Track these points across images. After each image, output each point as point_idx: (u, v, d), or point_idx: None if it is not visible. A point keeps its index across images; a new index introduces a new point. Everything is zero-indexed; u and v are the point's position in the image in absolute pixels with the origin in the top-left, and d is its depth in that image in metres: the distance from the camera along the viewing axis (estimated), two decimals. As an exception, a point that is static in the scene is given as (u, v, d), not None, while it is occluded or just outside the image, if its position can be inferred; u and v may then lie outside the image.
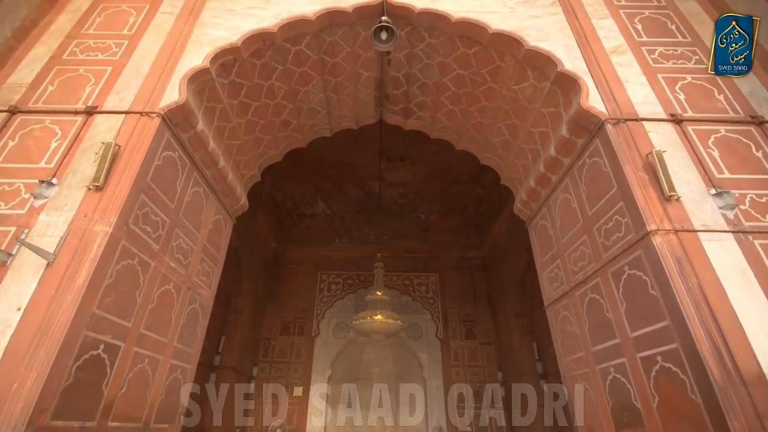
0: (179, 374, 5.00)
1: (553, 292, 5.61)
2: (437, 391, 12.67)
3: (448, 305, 13.89)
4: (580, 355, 4.92)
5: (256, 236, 13.14)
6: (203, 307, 5.60)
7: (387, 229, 15.11)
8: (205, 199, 5.66)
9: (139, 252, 4.20)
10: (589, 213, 4.75)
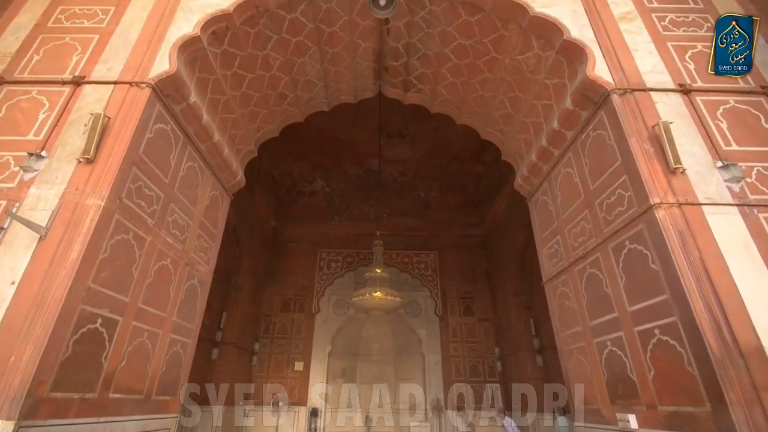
0: (179, 348, 5.03)
1: (552, 268, 5.60)
2: (435, 365, 12.92)
3: (447, 283, 13.99)
4: (577, 329, 4.95)
5: (254, 214, 13.08)
6: (202, 283, 5.60)
7: (386, 206, 15.04)
8: (201, 174, 5.55)
9: (133, 227, 4.13)
10: (591, 187, 4.67)
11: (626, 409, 4.00)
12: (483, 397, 12.44)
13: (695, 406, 3.22)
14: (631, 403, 3.95)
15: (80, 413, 3.43)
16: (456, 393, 12.47)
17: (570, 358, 5.07)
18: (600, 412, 4.45)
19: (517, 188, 6.66)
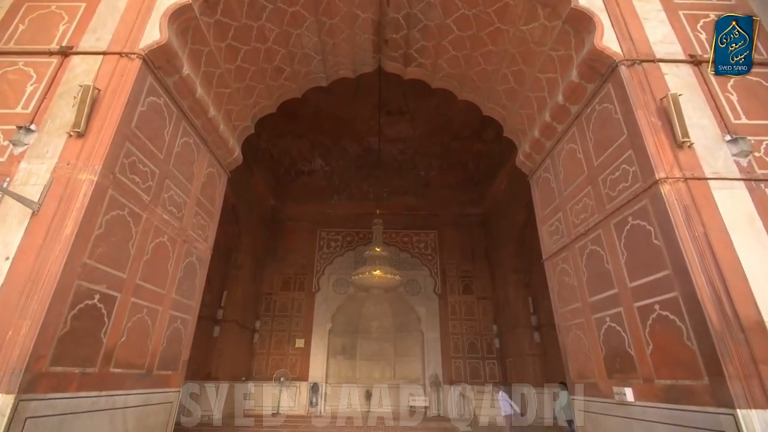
0: (180, 325, 5.05)
1: (553, 245, 5.56)
2: (434, 342, 13.11)
3: (447, 261, 14.03)
4: (576, 305, 4.95)
5: (253, 193, 12.98)
6: (200, 260, 5.57)
7: (386, 185, 14.92)
8: (197, 150, 5.43)
9: (128, 203, 4.05)
10: (595, 163, 4.56)
11: (623, 383, 4.03)
12: (480, 373, 12.70)
13: (693, 380, 3.23)
14: (628, 377, 3.98)
15: (81, 387, 3.45)
16: (454, 368, 12.72)
17: (568, 334, 5.09)
18: (597, 386, 4.50)
19: (519, 165, 6.55)
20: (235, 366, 11.57)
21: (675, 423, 3.37)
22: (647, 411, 3.68)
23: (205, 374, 10.65)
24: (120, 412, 3.91)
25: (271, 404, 11.95)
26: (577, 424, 4.82)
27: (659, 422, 3.54)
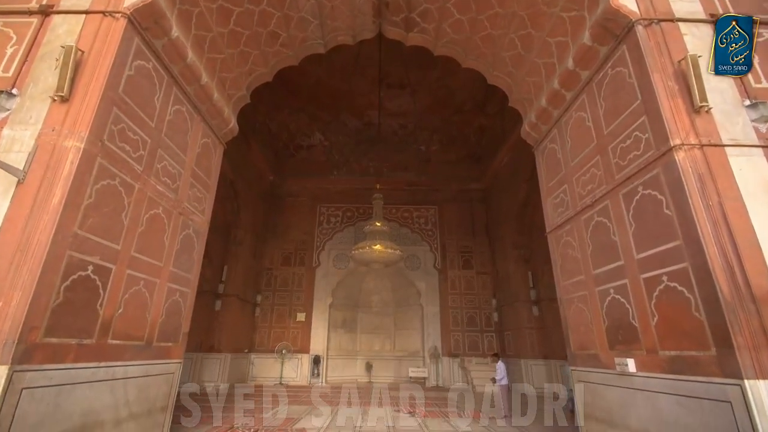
0: (179, 297, 4.98)
1: (557, 218, 5.42)
2: (434, 316, 13.22)
3: (447, 237, 13.97)
4: (579, 278, 4.87)
5: (252, 168, 12.74)
6: (198, 233, 5.44)
7: (386, 161, 14.65)
8: (190, 119, 5.20)
9: (119, 172, 3.88)
10: (605, 131, 4.36)
11: (625, 354, 3.99)
12: (479, 345, 12.87)
13: (699, 350, 3.17)
14: (630, 348, 3.93)
15: (79, 358, 3.39)
16: (453, 341, 12.89)
17: (570, 307, 5.04)
18: (597, 357, 4.47)
19: (524, 136, 6.32)
20: (238, 339, 11.70)
21: (678, 393, 3.33)
22: (649, 381, 3.64)
23: (208, 347, 10.77)
24: (120, 383, 3.88)
25: (273, 375, 12.16)
26: (576, 394, 4.83)
27: (661, 392, 3.51)
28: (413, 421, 6.70)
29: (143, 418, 4.19)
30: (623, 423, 3.96)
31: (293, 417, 6.83)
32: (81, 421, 3.38)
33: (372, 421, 6.61)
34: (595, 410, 4.45)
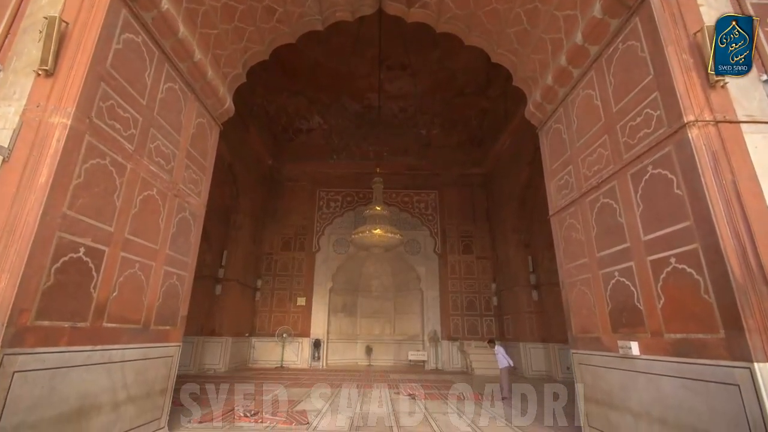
0: (176, 281, 4.88)
1: (561, 200, 5.29)
2: (433, 301, 13.24)
3: (447, 222, 13.87)
4: (583, 261, 4.77)
5: (250, 152, 12.54)
6: (194, 216, 5.31)
7: (386, 145, 14.44)
8: (183, 98, 5.01)
9: (110, 151, 3.72)
10: (614, 109, 4.19)
11: (629, 337, 3.92)
12: (478, 329, 12.92)
13: (707, 333, 3.08)
14: (634, 331, 3.86)
15: (73, 341, 3.30)
16: (452, 325, 12.93)
17: (572, 290, 4.95)
18: (600, 340, 4.41)
19: (528, 117, 6.13)
20: (239, 323, 11.73)
21: (683, 376, 3.27)
22: (653, 364, 3.58)
23: (210, 330, 10.79)
24: (118, 366, 3.82)
25: (274, 359, 12.24)
26: (576, 376, 4.79)
27: (665, 375, 3.44)
28: (413, 403, 6.71)
29: (142, 401, 4.15)
30: (624, 405, 3.92)
31: (294, 399, 6.85)
32: (78, 404, 3.32)
33: (372, 403, 6.62)
34: (596, 393, 4.41)
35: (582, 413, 4.62)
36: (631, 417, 3.82)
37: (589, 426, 4.52)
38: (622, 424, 3.94)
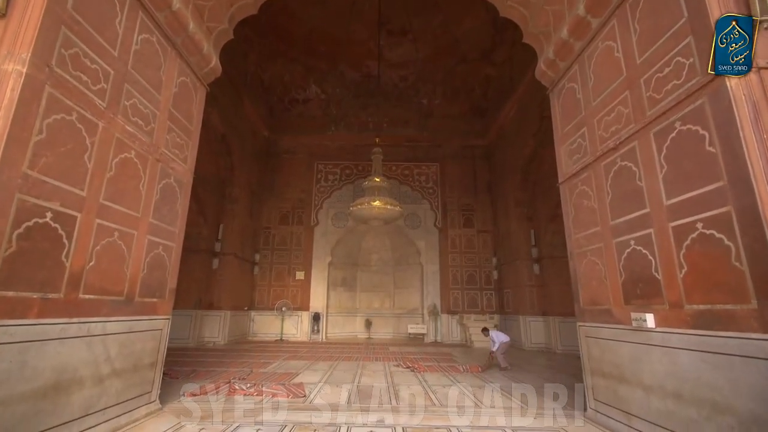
0: (162, 252, 4.58)
1: (572, 166, 4.92)
2: (433, 275, 13.07)
3: (448, 195, 13.51)
4: (594, 230, 4.45)
5: (245, 122, 12.02)
6: (180, 184, 4.95)
7: (386, 115, 13.88)
8: (162, 52, 4.54)
9: (77, 106, 3.32)
10: (638, 61, 3.75)
11: (643, 309, 3.65)
12: (478, 303, 12.81)
13: (736, 304, 2.79)
14: (650, 302, 3.59)
15: (44, 314, 3.02)
16: (452, 299, 12.82)
17: (582, 261, 4.66)
18: (610, 312, 4.16)
19: (539, 77, 5.65)
20: (237, 297, 11.59)
21: (703, 349, 3.01)
22: (670, 337, 3.32)
23: (208, 304, 10.65)
24: (99, 339, 3.57)
25: (274, 332, 12.19)
26: (582, 350, 4.58)
27: (683, 348, 3.19)
28: (412, 375, 6.58)
29: (129, 374, 3.94)
30: (635, 379, 3.70)
31: (292, 372, 6.71)
32: (54, 378, 3.09)
33: (371, 376, 6.49)
34: (603, 366, 4.20)
35: (588, 386, 4.43)
36: (642, 391, 3.60)
37: (594, 399, 4.33)
38: (631, 398, 3.74)
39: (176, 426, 3.84)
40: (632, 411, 3.73)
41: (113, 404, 3.71)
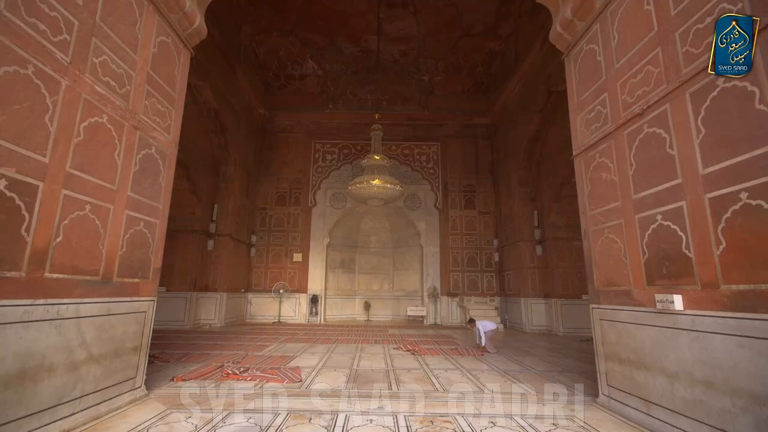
0: (144, 228, 4.19)
1: (589, 137, 4.49)
2: (433, 257, 12.77)
3: (449, 175, 13.08)
4: (613, 205, 4.06)
5: (239, 99, 11.45)
6: (163, 155, 4.52)
7: (386, 93, 13.30)
8: (138, 5, 4.03)
9: (33, 58, 2.86)
10: (673, 12, 3.28)
11: (670, 290, 3.30)
12: (478, 285, 12.56)
13: (787, 284, 2.44)
14: (678, 283, 3.23)
15: (2, 295, 2.65)
16: (452, 281, 12.56)
17: (598, 239, 4.30)
18: (629, 294, 3.82)
19: (553, 41, 5.16)
20: (234, 279, 11.28)
21: (743, 334, 2.67)
22: (702, 320, 2.98)
23: (203, 286, 10.34)
24: (72, 323, 3.21)
25: (271, 314, 11.95)
26: (595, 334, 4.26)
27: (717, 333, 2.85)
28: (412, 358, 6.31)
29: (109, 360, 3.60)
30: (657, 365, 3.39)
31: (288, 355, 6.44)
32: (18, 365, 2.74)
33: (370, 359, 6.22)
34: (620, 351, 3.89)
35: (601, 372, 4.13)
36: (665, 378, 3.29)
37: (608, 385, 4.04)
38: (651, 385, 3.43)
39: (162, 414, 3.54)
40: (652, 399, 3.42)
41: (91, 392, 3.38)
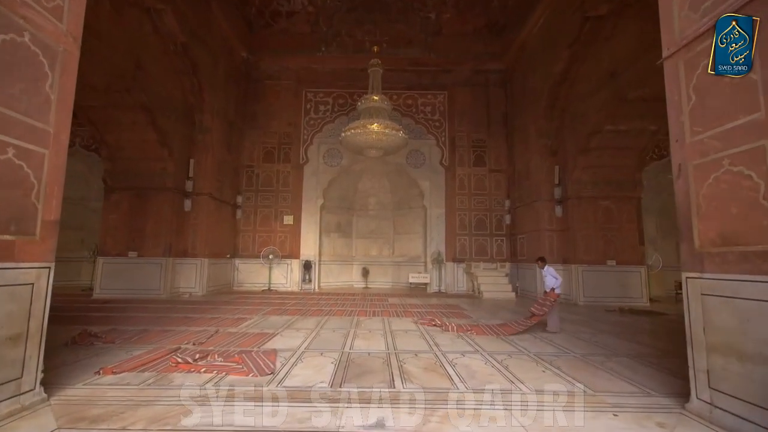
0: (17, 160, 2.67)
1: (695, 24, 2.86)
2: (438, 219, 11.34)
3: (457, 129, 11.38)
4: (741, 121, 2.53)
5: (215, 37, 9.54)
6: (48, 51, 2.91)
7: (386, 33, 11.32)
8: None
9: None
10: None
11: None
12: (487, 250, 11.23)
13: None
14: None
15: None
16: (458, 246, 11.22)
17: (708, 174, 2.79)
18: (750, 259, 2.38)
19: None
20: (217, 243, 9.89)
21: None
22: None
23: (181, 251, 8.96)
24: None
25: (261, 281, 10.70)
26: (692, 314, 2.87)
27: None
28: (419, 337, 4.98)
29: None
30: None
31: (267, 332, 5.12)
32: None
33: (366, 337, 4.88)
34: (740, 341, 2.51)
35: (698, 369, 2.77)
36: None
37: (709, 388, 2.69)
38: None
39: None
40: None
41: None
